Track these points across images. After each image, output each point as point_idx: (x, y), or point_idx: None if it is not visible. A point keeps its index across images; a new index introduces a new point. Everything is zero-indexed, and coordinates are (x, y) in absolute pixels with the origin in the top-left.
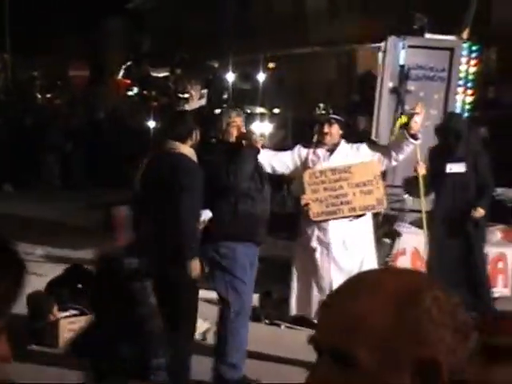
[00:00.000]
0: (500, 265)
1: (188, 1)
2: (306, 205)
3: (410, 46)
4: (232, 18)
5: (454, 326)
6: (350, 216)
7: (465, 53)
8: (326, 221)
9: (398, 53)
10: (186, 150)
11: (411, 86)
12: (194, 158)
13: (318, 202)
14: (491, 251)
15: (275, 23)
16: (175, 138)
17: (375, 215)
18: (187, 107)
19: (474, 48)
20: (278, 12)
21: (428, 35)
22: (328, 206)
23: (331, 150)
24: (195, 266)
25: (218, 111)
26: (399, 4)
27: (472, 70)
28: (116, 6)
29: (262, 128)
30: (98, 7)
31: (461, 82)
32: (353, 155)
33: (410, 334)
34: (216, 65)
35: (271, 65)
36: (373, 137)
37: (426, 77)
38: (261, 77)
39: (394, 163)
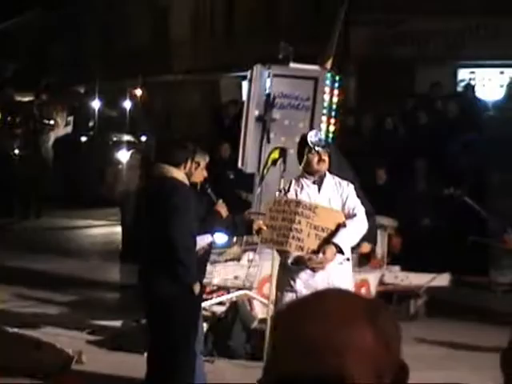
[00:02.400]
0: (363, 290)
1: (52, 25)
2: (259, 230)
3: (276, 75)
4: (98, 44)
5: (399, 335)
6: (295, 251)
7: (328, 82)
8: (271, 248)
9: (263, 81)
10: (179, 174)
11: (276, 114)
12: (187, 183)
13: (271, 229)
14: (354, 277)
15: (141, 50)
16: (170, 162)
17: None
18: (52, 134)
19: (336, 78)
20: (144, 40)
21: (293, 64)
22: (279, 235)
23: (318, 183)
24: (196, 289)
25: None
26: (264, 33)
27: (335, 99)
28: None
29: (128, 155)
30: None
31: (324, 111)
32: (336, 192)
33: (385, 345)
34: (82, 90)
35: (137, 92)
36: (239, 165)
37: (291, 105)
38: (127, 104)
39: None
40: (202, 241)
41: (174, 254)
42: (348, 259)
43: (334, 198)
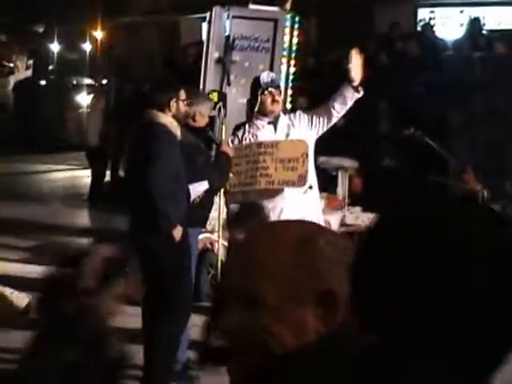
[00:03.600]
0: None
1: None
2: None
3: (235, 17)
4: None
5: (345, 262)
6: (266, 188)
7: (288, 24)
8: (240, 192)
9: (222, 23)
10: (166, 119)
11: (236, 56)
12: (175, 129)
13: (237, 175)
14: None
15: None
16: (155, 107)
17: None
18: (12, 78)
19: (296, 19)
20: None
21: (252, 6)
22: (246, 177)
23: (273, 123)
24: (176, 235)
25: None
26: None
27: (295, 40)
28: None
29: (89, 99)
30: None
31: (284, 53)
32: (293, 127)
33: (309, 271)
34: (41, 29)
35: (97, 35)
36: None
37: (250, 47)
38: (87, 47)
39: (334, 121)
40: (197, 188)
41: (150, 201)
42: (311, 187)
43: (292, 133)
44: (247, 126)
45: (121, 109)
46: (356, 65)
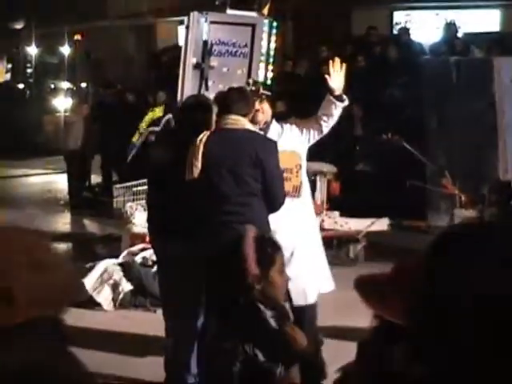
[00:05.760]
0: None
1: None
2: None
3: (213, 22)
4: None
5: (29, 263)
6: None
7: (265, 29)
8: None
9: (200, 28)
10: (251, 125)
11: (214, 61)
12: None
13: None
14: None
15: None
16: (239, 113)
17: None
18: None
19: (273, 24)
20: None
21: (230, 11)
22: None
23: (263, 130)
24: None
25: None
26: None
27: (272, 45)
28: None
29: (67, 103)
30: None
31: (262, 58)
32: (284, 136)
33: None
34: (19, 26)
35: (77, 37)
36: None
37: (228, 52)
38: (66, 50)
39: (325, 132)
40: None
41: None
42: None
43: (281, 142)
44: None
45: (100, 113)
46: (336, 75)
